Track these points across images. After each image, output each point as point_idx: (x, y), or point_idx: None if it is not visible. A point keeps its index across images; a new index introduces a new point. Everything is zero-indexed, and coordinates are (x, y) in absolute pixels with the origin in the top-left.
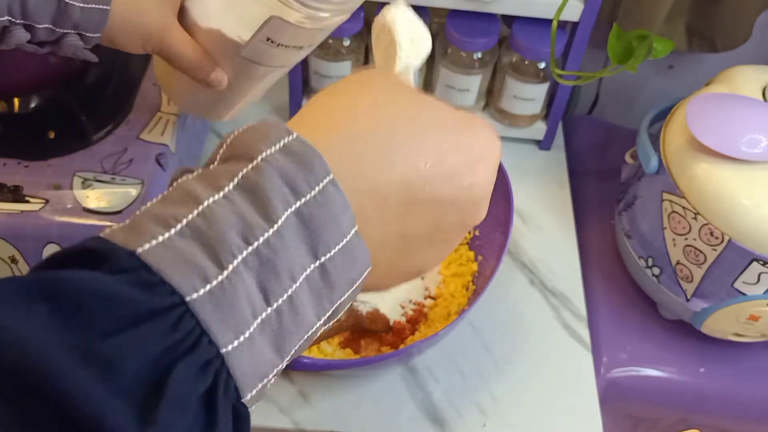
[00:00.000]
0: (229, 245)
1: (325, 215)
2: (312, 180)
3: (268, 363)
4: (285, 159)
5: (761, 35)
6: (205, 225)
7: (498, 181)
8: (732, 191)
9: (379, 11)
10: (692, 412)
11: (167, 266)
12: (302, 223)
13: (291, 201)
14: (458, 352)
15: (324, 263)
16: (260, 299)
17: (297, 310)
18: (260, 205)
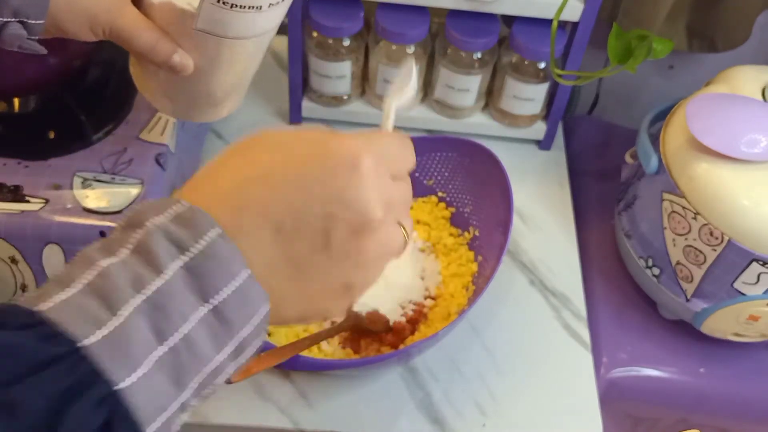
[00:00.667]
0: (122, 294)
1: (213, 264)
2: (197, 235)
3: (167, 396)
4: (171, 223)
5: (761, 35)
6: (101, 282)
7: (498, 181)
8: (732, 191)
9: (378, 11)
10: (692, 412)
11: (64, 318)
12: (190, 272)
13: (177, 255)
14: (458, 352)
15: (217, 306)
16: (154, 340)
17: (194, 348)
18: (149, 261)
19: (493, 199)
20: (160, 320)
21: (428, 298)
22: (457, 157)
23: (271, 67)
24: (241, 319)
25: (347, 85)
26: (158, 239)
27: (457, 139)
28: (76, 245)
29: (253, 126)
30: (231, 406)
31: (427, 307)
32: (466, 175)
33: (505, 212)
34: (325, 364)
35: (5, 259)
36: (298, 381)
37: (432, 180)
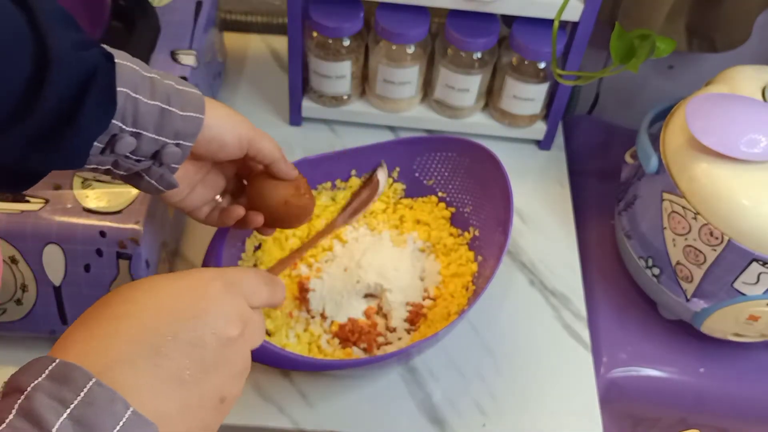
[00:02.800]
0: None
1: (96, 410)
2: (76, 389)
3: None
4: (48, 381)
5: (761, 35)
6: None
7: (498, 181)
8: (732, 191)
9: (378, 11)
10: (692, 412)
11: None
12: (76, 423)
13: (61, 411)
14: (458, 352)
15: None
16: None
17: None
18: (37, 422)
19: (493, 199)
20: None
21: (428, 299)
22: (457, 157)
23: (271, 67)
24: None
25: (347, 85)
26: (41, 399)
27: (457, 139)
28: (76, 245)
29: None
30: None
31: (426, 307)
32: (466, 175)
33: (505, 212)
34: (325, 364)
35: (5, 259)
36: (298, 381)
37: (432, 180)
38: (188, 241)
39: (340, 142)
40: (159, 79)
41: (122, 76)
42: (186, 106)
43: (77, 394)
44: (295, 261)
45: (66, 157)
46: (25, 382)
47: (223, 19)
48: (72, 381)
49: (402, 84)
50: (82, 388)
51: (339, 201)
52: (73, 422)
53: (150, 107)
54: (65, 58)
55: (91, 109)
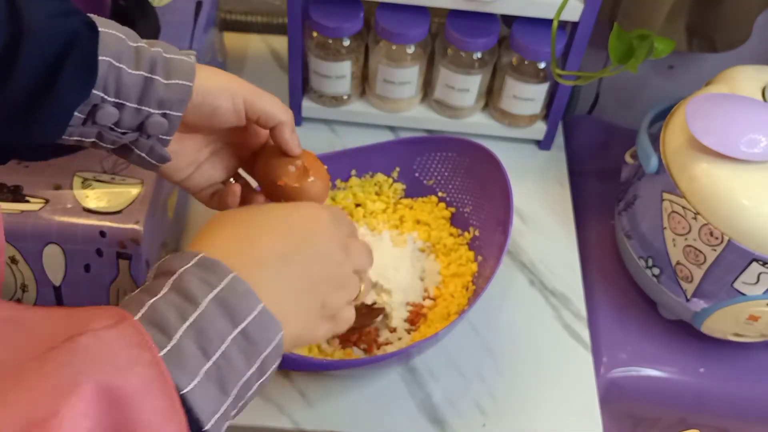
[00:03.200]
0: (172, 323)
1: (237, 297)
2: (220, 276)
3: (217, 401)
4: (196, 268)
5: (761, 35)
6: (152, 313)
7: (498, 181)
8: (732, 191)
9: (378, 11)
10: (692, 412)
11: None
12: (219, 303)
13: (208, 291)
14: (458, 352)
15: (244, 328)
16: (201, 356)
17: (231, 363)
18: (187, 297)
19: (493, 199)
20: (204, 341)
21: (428, 299)
22: (457, 157)
23: (271, 67)
24: (264, 341)
25: (347, 85)
26: (190, 279)
27: (457, 139)
28: (76, 245)
29: None
30: None
31: (426, 307)
32: (466, 175)
33: (505, 212)
34: (325, 364)
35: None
36: (298, 381)
37: (432, 180)
38: (188, 241)
39: (340, 142)
40: (145, 47)
41: (106, 45)
42: (172, 73)
43: (221, 280)
44: None
45: (45, 127)
46: (176, 266)
47: (223, 19)
48: (216, 270)
49: (402, 84)
50: (225, 277)
51: (339, 201)
52: (217, 303)
53: (133, 77)
54: (39, 28)
55: (69, 78)
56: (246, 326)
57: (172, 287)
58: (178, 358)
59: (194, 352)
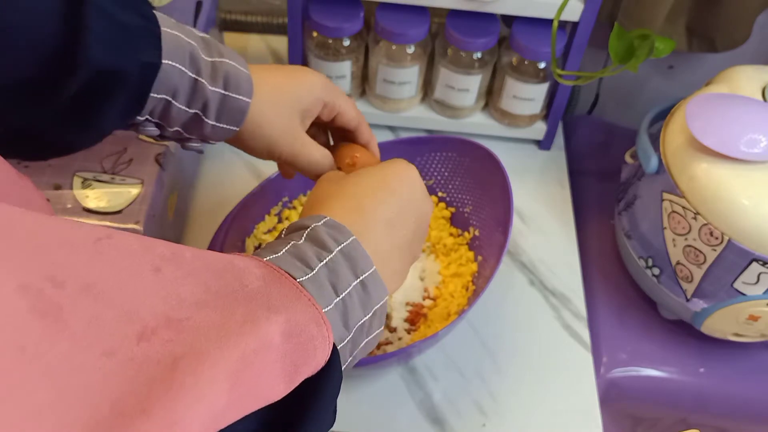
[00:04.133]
0: (311, 258)
1: (356, 254)
2: (344, 236)
3: (341, 331)
4: (325, 227)
5: (761, 35)
6: (296, 251)
7: (498, 181)
8: (732, 191)
9: (378, 11)
10: (692, 412)
11: (284, 265)
12: (344, 256)
13: (336, 244)
14: (458, 352)
15: (363, 280)
16: (332, 291)
17: (353, 304)
18: (321, 245)
19: (493, 199)
20: (335, 279)
21: (428, 299)
22: (457, 157)
23: None
24: (376, 296)
25: (347, 85)
26: (322, 232)
27: (457, 139)
28: None
29: None
30: None
31: (426, 307)
32: (466, 175)
33: (505, 212)
34: None
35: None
36: None
37: (432, 180)
38: (188, 241)
39: None
40: (204, 84)
41: (162, 81)
42: (221, 116)
43: (346, 238)
44: None
45: (84, 140)
46: (307, 223)
47: (223, 19)
48: (341, 230)
49: (402, 84)
50: (348, 237)
51: None
52: (343, 254)
53: (182, 112)
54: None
55: (111, 111)
56: (364, 279)
57: (307, 237)
58: (317, 286)
59: (327, 285)
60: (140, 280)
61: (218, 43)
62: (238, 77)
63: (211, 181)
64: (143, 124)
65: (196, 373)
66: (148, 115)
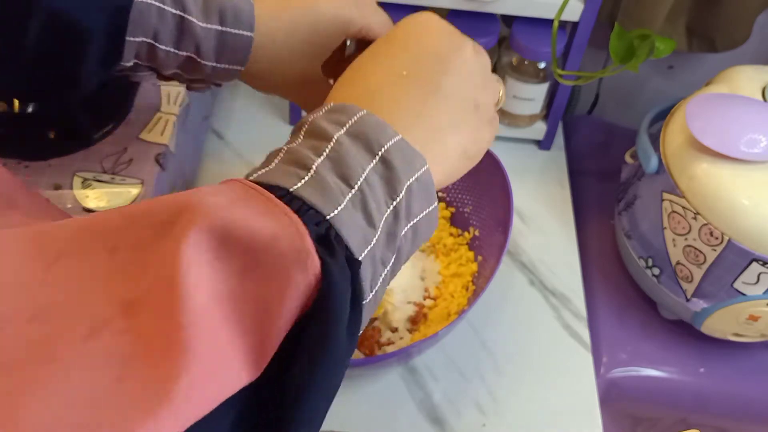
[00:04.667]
0: (307, 157)
1: (368, 128)
2: (350, 115)
3: (365, 231)
4: (326, 113)
5: (761, 35)
6: (289, 155)
7: (498, 181)
8: (732, 191)
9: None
10: (692, 412)
11: (272, 178)
12: (352, 136)
13: (338, 128)
14: (458, 352)
15: (382, 155)
16: (342, 184)
17: (373, 190)
18: (320, 136)
19: (493, 199)
20: (343, 169)
21: (428, 299)
22: None
23: None
24: (404, 167)
25: None
26: (320, 121)
27: None
28: None
29: (253, 126)
30: None
31: (426, 307)
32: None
33: (505, 212)
34: None
35: None
36: None
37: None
38: None
39: None
40: (191, 22)
41: (137, 22)
42: (221, 56)
43: (351, 117)
44: None
45: (66, 97)
46: (307, 118)
47: None
48: (345, 111)
49: None
50: (354, 114)
51: None
52: (351, 136)
53: (171, 55)
54: None
55: (85, 60)
56: (384, 153)
57: (305, 134)
58: (319, 187)
59: (335, 181)
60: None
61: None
62: (238, 7)
63: (211, 181)
64: (135, 68)
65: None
66: (134, 59)
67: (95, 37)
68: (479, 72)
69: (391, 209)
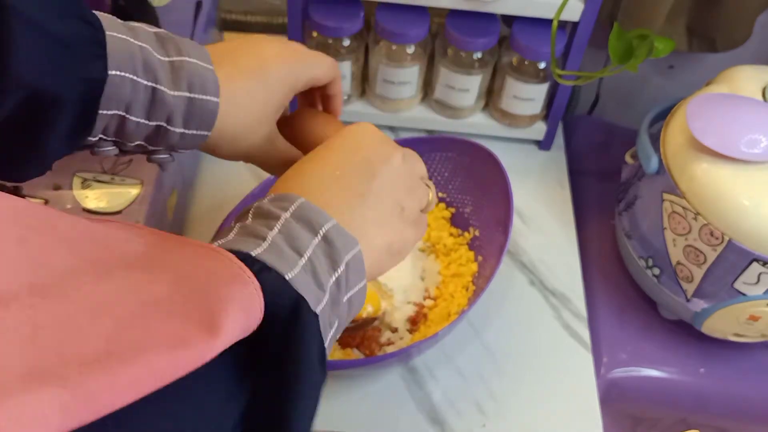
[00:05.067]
0: (262, 230)
1: (310, 213)
2: (290, 201)
3: (316, 292)
4: (270, 201)
5: (761, 35)
6: (246, 230)
7: (498, 181)
8: (732, 191)
9: (378, 11)
10: (692, 412)
11: (234, 244)
12: (297, 218)
13: (283, 210)
14: (458, 352)
15: (324, 234)
16: (294, 254)
17: (320, 263)
18: (268, 216)
19: (493, 199)
20: (294, 242)
21: (428, 299)
22: (457, 157)
23: None
24: (344, 246)
25: (347, 85)
26: (267, 206)
27: (457, 139)
28: None
29: None
30: None
31: (427, 307)
32: (466, 175)
33: (505, 212)
34: None
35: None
36: None
37: (432, 180)
38: None
39: None
40: (163, 92)
41: (110, 96)
42: (190, 121)
43: (293, 203)
44: None
45: (28, 171)
46: (252, 205)
47: (223, 19)
48: (287, 198)
49: (402, 84)
50: (296, 200)
51: None
52: (295, 217)
53: (142, 126)
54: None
55: (53, 135)
56: (325, 233)
57: (253, 215)
58: (277, 252)
59: (288, 250)
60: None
61: (174, 36)
62: (203, 76)
63: (211, 181)
64: (98, 144)
65: None
66: (101, 134)
67: (67, 109)
68: (406, 178)
69: (334, 279)
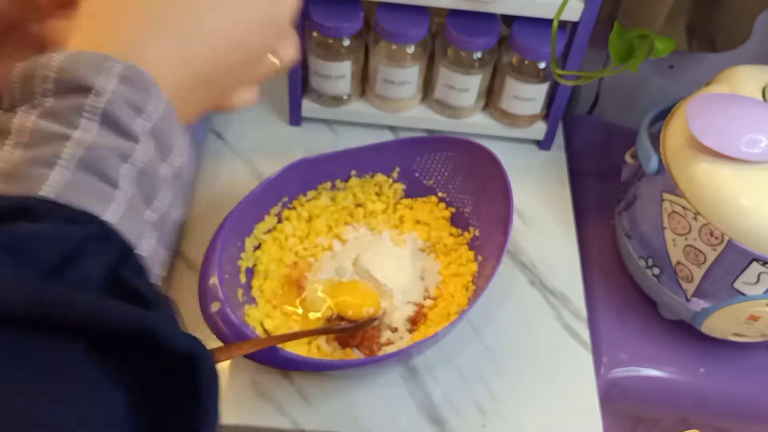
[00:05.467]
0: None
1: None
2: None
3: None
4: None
5: (761, 35)
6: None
7: (498, 181)
8: (732, 191)
9: (378, 11)
10: (692, 412)
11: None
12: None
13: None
14: (458, 352)
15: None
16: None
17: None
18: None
19: (493, 199)
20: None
21: (428, 299)
22: (457, 157)
23: None
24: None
25: (347, 85)
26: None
27: (457, 139)
28: None
29: (253, 126)
30: (231, 406)
31: (426, 307)
32: (466, 175)
33: (505, 212)
34: (325, 364)
35: None
36: (298, 381)
37: (432, 180)
38: (188, 241)
39: (340, 142)
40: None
41: None
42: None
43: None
44: (270, 344)
45: None
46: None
47: None
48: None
49: (402, 84)
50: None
51: (339, 201)
52: (101, 120)
53: None
54: None
55: None
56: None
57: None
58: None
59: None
60: None
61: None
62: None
63: (211, 181)
64: None
65: None
66: None
67: None
68: None
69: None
